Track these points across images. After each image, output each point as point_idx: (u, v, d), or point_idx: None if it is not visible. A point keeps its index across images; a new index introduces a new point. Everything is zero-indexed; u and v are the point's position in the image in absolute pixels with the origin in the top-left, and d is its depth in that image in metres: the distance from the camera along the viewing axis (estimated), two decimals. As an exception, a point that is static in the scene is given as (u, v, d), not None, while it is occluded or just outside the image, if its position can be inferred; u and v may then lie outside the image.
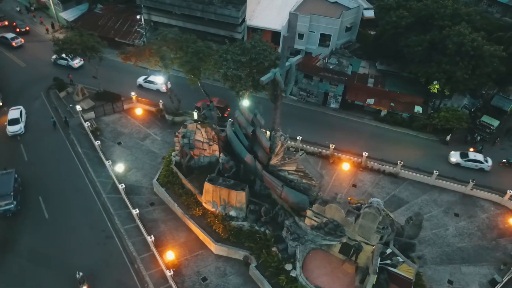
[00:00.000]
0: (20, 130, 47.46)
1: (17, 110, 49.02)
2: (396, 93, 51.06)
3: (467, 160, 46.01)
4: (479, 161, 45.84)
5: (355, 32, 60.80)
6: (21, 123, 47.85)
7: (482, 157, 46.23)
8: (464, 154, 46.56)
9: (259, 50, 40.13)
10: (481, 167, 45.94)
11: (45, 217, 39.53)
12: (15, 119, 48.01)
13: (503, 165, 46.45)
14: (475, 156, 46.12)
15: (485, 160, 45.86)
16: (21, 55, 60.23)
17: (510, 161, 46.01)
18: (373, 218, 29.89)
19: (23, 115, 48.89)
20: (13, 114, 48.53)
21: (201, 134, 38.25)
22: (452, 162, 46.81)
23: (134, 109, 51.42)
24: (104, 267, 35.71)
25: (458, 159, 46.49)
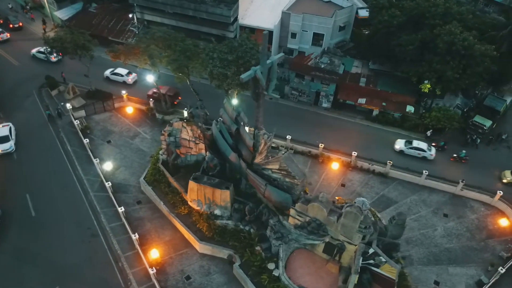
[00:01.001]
0: (11, 148, 44.93)
1: (5, 127, 46.31)
2: (388, 92, 50.73)
3: (410, 148, 46.68)
4: (422, 149, 46.38)
5: (349, 32, 60.43)
6: (11, 140, 45.23)
7: (426, 146, 46.71)
8: (409, 142, 47.17)
9: (246, 48, 39.98)
10: (424, 156, 46.44)
11: (32, 215, 39.55)
12: (4, 137, 45.28)
13: (454, 160, 46.56)
14: (419, 144, 46.65)
15: (428, 149, 46.32)
16: (14, 54, 60.32)
17: (460, 156, 46.16)
18: (354, 217, 29.65)
19: (12, 132, 46.18)
20: (2, 132, 45.77)
21: (187, 133, 38.16)
22: (396, 149, 47.43)
23: (125, 108, 51.41)
24: (88, 265, 35.65)
25: (401, 146, 47.15)
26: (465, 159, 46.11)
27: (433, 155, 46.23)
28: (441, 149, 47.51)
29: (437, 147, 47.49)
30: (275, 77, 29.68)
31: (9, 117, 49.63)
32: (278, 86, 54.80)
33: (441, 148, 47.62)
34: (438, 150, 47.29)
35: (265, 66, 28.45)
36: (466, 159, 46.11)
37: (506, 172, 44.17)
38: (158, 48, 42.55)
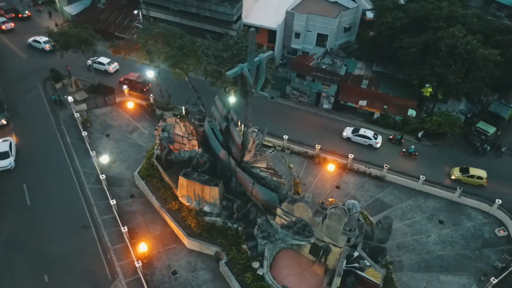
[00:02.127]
0: (10, 165, 42.65)
1: (5, 142, 44.27)
2: (389, 95, 50.01)
3: (357, 135, 47.43)
4: (368, 137, 47.08)
5: (355, 33, 59.95)
6: (10, 157, 42.93)
7: (372, 134, 47.35)
8: (356, 129, 48.00)
9: (242, 46, 39.89)
10: (370, 143, 47.10)
11: (27, 204, 40.28)
12: (4, 153, 42.99)
13: (403, 154, 46.54)
14: (365, 132, 47.47)
15: (374, 137, 46.94)
16: (22, 46, 61.49)
17: (409, 151, 46.18)
18: (338, 219, 29.30)
19: (12, 148, 43.99)
20: (2, 147, 43.47)
21: (180, 129, 38.30)
22: (344, 137, 48.26)
23: (125, 103, 51.89)
24: (77, 256, 36.09)
25: (349, 134, 48.00)
26: (414, 155, 46.11)
27: (378, 144, 46.89)
28: (397, 142, 47.75)
29: (393, 140, 47.87)
30: (263, 75, 29.49)
31: (14, 110, 50.74)
32: (279, 86, 54.74)
33: (398, 141, 47.79)
34: (395, 143, 47.77)
35: (252, 64, 28.29)
36: (415, 155, 46.11)
37: (455, 169, 44.21)
38: (156, 44, 42.79)
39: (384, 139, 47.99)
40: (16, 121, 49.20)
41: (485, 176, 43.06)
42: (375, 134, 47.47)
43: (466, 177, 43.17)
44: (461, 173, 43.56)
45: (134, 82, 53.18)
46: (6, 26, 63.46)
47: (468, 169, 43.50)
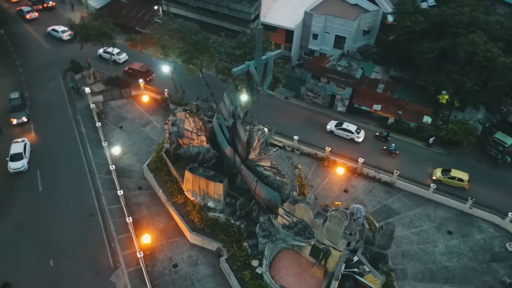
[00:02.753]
0: (23, 167, 42.44)
1: (20, 143, 44.20)
2: (405, 101, 49.08)
3: (340, 129, 48.08)
4: (350, 131, 47.67)
5: (374, 37, 59.08)
6: (24, 158, 42.75)
7: (355, 128, 47.92)
8: (339, 123, 48.62)
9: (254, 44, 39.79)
10: (352, 137, 47.64)
11: (39, 190, 41.45)
12: (18, 154, 42.94)
13: (384, 152, 46.66)
14: (348, 126, 48.01)
15: (357, 131, 47.63)
16: (49, 39, 63.29)
17: (390, 149, 46.30)
18: (339, 222, 28.97)
19: (27, 149, 43.90)
20: (16, 148, 43.53)
21: (190, 124, 38.61)
22: (327, 130, 48.88)
23: (141, 96, 52.70)
24: (83, 243, 36.92)
25: (332, 127, 48.70)
26: (395, 153, 46.15)
27: (360, 138, 47.55)
28: (383, 139, 47.94)
29: (380, 137, 48.14)
30: (270, 74, 29.42)
31: (34, 97, 52.34)
32: (294, 86, 54.58)
33: (384, 138, 47.99)
34: (381, 140, 47.95)
35: (259, 61, 28.25)
36: (396, 153, 46.15)
37: (437, 170, 44.04)
38: (172, 39, 43.29)
39: (370, 136, 48.55)
40: (35, 109, 50.71)
41: (467, 178, 42.62)
42: (357, 129, 48.18)
43: (447, 178, 42.97)
44: (443, 174, 43.29)
45: (137, 72, 55.09)
46: (30, 15, 65.68)
47: (450, 170, 43.29)
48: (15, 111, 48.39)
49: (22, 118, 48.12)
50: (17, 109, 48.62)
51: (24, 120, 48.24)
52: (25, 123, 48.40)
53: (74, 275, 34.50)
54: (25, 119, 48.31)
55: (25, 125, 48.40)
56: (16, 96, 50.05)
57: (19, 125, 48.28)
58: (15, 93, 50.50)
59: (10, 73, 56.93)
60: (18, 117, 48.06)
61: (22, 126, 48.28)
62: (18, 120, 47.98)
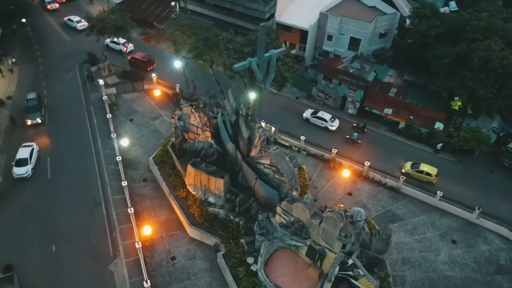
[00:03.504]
0: (27, 174, 41.44)
1: (27, 148, 43.25)
2: (417, 106, 48.17)
3: (315, 117, 49.62)
4: (324, 119, 49.23)
5: (390, 40, 58.25)
6: (29, 164, 41.70)
7: (329, 117, 49.42)
8: (315, 112, 50.23)
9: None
10: (326, 126, 49.13)
11: (48, 177, 42.54)
12: (23, 160, 41.94)
13: (346, 140, 47.72)
14: (322, 115, 49.64)
15: (331, 120, 49.10)
16: (69, 31, 64.91)
17: (352, 138, 47.50)
18: (334, 224, 28.66)
19: (34, 154, 42.95)
20: (23, 153, 42.52)
21: (195, 119, 38.91)
22: (304, 117, 50.36)
23: (153, 90, 53.45)
24: (85, 231, 37.69)
25: (307, 115, 50.25)
26: (357, 142, 47.28)
27: (334, 127, 48.96)
28: (360, 131, 48.90)
29: (357, 127, 49.20)
30: (273, 71, 29.42)
31: (51, 87, 53.80)
32: (306, 87, 54.34)
33: (361, 129, 49.01)
34: (358, 131, 48.75)
35: (262, 59, 28.30)
36: (358, 142, 47.30)
37: (407, 164, 44.40)
38: (183, 35, 43.73)
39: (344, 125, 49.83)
40: (51, 98, 52.12)
41: (435, 173, 42.90)
42: (332, 117, 49.58)
43: (415, 171, 43.31)
44: (412, 167, 43.72)
45: (139, 61, 56.72)
46: (51, 6, 67.72)
47: (419, 164, 43.74)
48: (30, 112, 47.99)
49: (37, 120, 47.75)
50: (32, 110, 48.18)
51: (38, 122, 47.83)
52: (39, 124, 48.02)
53: (74, 261, 35.24)
54: (39, 120, 47.85)
55: (39, 126, 48.01)
56: (33, 96, 49.62)
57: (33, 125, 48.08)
58: (32, 94, 50.18)
59: (30, 62, 58.82)
60: (33, 118, 47.67)
61: (36, 127, 47.93)
62: (33, 121, 47.63)
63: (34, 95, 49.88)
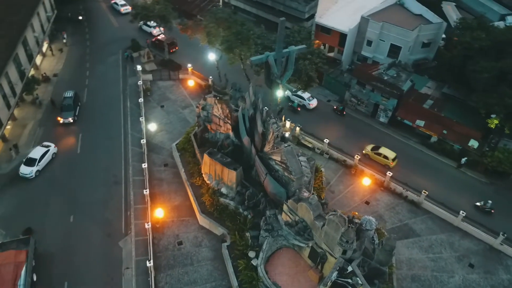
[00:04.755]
0: (30, 175, 40.93)
1: (43, 148, 42.91)
2: (452, 120, 45.90)
3: (294, 95, 51.63)
4: (303, 98, 51.36)
5: (434, 50, 55.89)
6: (35, 166, 41.15)
7: (308, 96, 51.50)
8: (296, 91, 50.98)
9: (292, 40, 39.63)
10: (303, 104, 51.42)
11: (77, 152, 44.87)
12: (32, 160, 41.55)
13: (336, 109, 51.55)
14: (303, 93, 51.00)
15: (308, 99, 51.37)
16: (118, 17, 68.00)
17: (340, 109, 50.75)
18: (336, 228, 28.08)
19: (47, 156, 42.42)
20: (35, 153, 42.28)
21: (218, 110, 39.44)
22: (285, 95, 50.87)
23: (187, 80, 54.75)
24: (102, 206, 39.38)
25: (288, 93, 51.77)
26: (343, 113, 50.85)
27: (312, 105, 51.47)
28: (340, 114, 51.33)
29: (337, 110, 51.56)
30: (291, 68, 29.27)
31: (93, 69, 56.66)
32: (339, 90, 53.50)
33: (340, 112, 51.31)
34: (337, 113, 51.35)
35: (280, 54, 28.25)
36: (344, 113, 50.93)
37: (368, 146, 46.11)
38: (218, 27, 44.46)
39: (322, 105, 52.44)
40: (93, 77, 54.89)
41: (392, 157, 44.14)
42: (310, 96, 51.61)
43: (374, 153, 45.01)
44: (372, 150, 45.38)
45: (162, 42, 58.97)
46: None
47: (379, 147, 45.38)
48: (64, 111, 47.50)
49: (69, 119, 47.13)
50: (67, 109, 47.61)
51: (70, 121, 47.24)
52: (70, 123, 47.54)
53: (88, 233, 36.95)
54: (71, 120, 47.30)
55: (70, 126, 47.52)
56: (70, 95, 48.93)
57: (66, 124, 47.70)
58: (69, 92, 49.47)
59: (79, 44, 62.24)
60: (66, 117, 47.14)
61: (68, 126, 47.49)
62: (65, 120, 47.09)
63: (71, 93, 49.30)
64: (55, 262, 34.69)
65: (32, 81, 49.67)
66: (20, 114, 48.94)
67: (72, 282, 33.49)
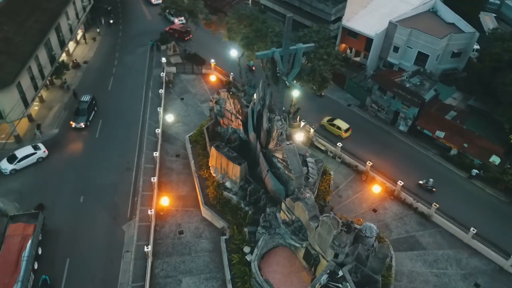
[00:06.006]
0: (5, 171, 40.45)
1: (31, 149, 42.15)
2: (474, 134, 44.03)
3: None
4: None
5: (464, 61, 53.87)
6: (13, 165, 40.62)
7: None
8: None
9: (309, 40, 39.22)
10: None
11: (96, 137, 46.54)
12: (13, 158, 41.03)
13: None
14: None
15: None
16: (152, 10, 70.01)
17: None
18: (328, 229, 27.68)
19: (29, 158, 41.61)
20: (21, 151, 41.74)
21: (230, 105, 39.75)
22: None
23: (209, 75, 55.53)
24: (111, 190, 40.55)
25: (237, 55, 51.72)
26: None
27: None
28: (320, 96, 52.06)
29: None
30: (298, 66, 29.10)
31: (122, 59, 58.62)
32: (361, 95, 52.56)
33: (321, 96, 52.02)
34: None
35: (287, 51, 28.15)
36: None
37: (325, 118, 48.70)
38: (239, 24, 44.80)
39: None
40: (120, 66, 56.86)
41: (345, 128, 47.05)
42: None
43: (329, 124, 47.87)
44: (328, 121, 48.10)
45: (177, 31, 61.93)
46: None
47: (334, 119, 48.19)
48: (77, 115, 46.71)
49: (81, 124, 46.25)
50: (80, 114, 46.77)
51: (82, 126, 46.39)
52: (82, 129, 46.72)
53: (95, 215, 38.20)
54: (83, 125, 46.33)
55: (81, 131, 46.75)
56: (86, 99, 48.12)
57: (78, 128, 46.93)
58: (86, 96, 48.70)
59: (112, 34, 64.56)
60: (78, 122, 46.26)
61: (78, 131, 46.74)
62: (77, 125, 46.25)
63: (88, 97, 48.40)
64: (61, 239, 36.11)
65: (62, 66, 51.97)
66: (48, 96, 51.42)
67: (73, 259, 34.72)
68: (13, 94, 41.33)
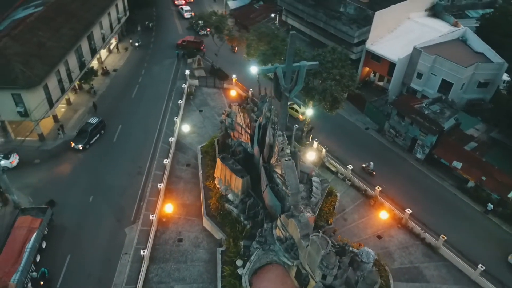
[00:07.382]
0: None
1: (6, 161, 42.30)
2: (493, 167, 42.10)
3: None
4: None
5: (492, 92, 51.99)
6: None
7: None
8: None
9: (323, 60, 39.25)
10: None
11: (113, 140, 48.27)
12: None
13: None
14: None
15: None
16: (184, 23, 72.66)
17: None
18: (317, 249, 27.21)
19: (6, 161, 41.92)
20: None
21: (240, 119, 40.25)
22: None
23: (230, 90, 56.52)
24: (120, 192, 41.69)
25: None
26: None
27: None
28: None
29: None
30: (301, 83, 29.24)
31: (149, 69, 60.93)
32: (379, 120, 51.77)
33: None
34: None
35: (290, 67, 28.42)
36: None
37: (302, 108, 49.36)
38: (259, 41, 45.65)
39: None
40: (146, 76, 59.09)
41: (301, 111, 50.13)
42: None
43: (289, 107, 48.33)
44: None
45: (191, 42, 64.48)
46: (178, 1, 76.38)
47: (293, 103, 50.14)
48: (79, 136, 46.55)
49: (79, 146, 45.76)
50: (81, 135, 46.59)
51: (79, 148, 45.85)
52: (79, 150, 46.07)
53: (101, 215, 39.31)
54: (81, 147, 45.77)
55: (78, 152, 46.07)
56: (93, 121, 47.84)
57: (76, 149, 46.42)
58: (94, 119, 48.42)
59: (143, 46, 67.22)
60: (76, 143, 45.91)
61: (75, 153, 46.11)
62: (75, 146, 45.90)
63: (95, 120, 48.06)
64: (66, 235, 37.39)
65: (90, 72, 54.63)
66: (75, 100, 54.07)
67: (74, 256, 35.77)
68: (39, 95, 43.76)
